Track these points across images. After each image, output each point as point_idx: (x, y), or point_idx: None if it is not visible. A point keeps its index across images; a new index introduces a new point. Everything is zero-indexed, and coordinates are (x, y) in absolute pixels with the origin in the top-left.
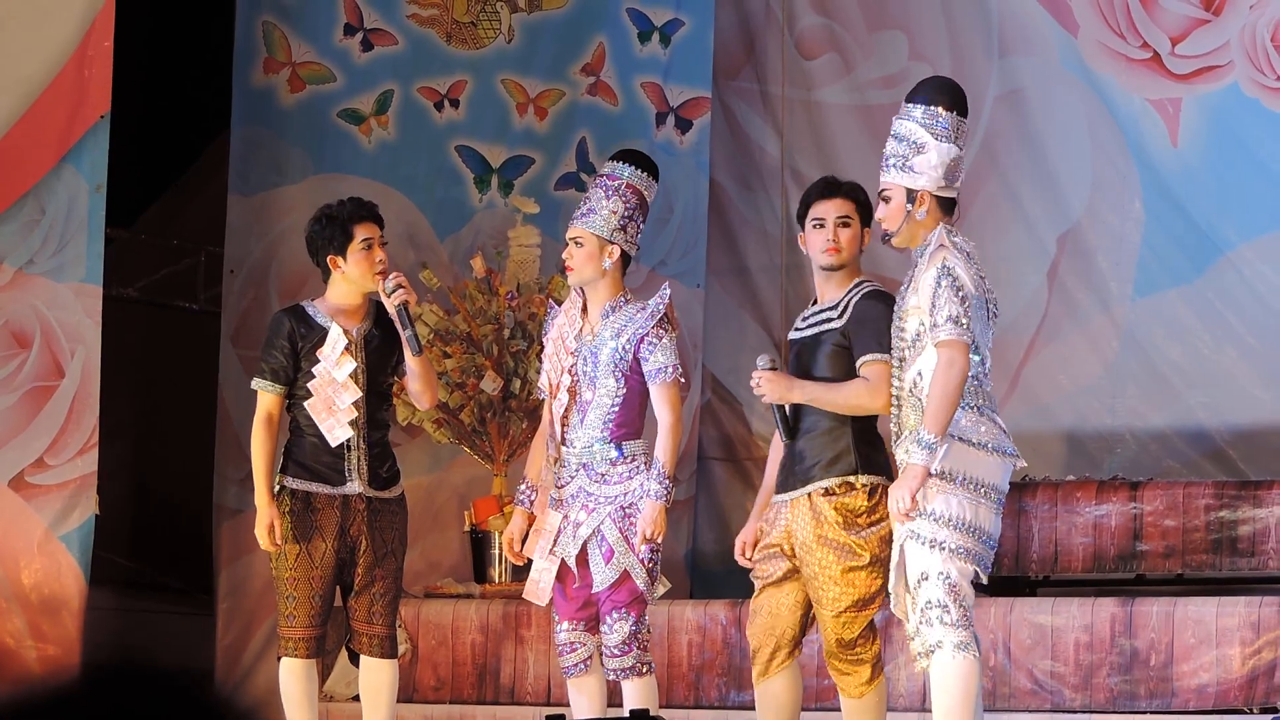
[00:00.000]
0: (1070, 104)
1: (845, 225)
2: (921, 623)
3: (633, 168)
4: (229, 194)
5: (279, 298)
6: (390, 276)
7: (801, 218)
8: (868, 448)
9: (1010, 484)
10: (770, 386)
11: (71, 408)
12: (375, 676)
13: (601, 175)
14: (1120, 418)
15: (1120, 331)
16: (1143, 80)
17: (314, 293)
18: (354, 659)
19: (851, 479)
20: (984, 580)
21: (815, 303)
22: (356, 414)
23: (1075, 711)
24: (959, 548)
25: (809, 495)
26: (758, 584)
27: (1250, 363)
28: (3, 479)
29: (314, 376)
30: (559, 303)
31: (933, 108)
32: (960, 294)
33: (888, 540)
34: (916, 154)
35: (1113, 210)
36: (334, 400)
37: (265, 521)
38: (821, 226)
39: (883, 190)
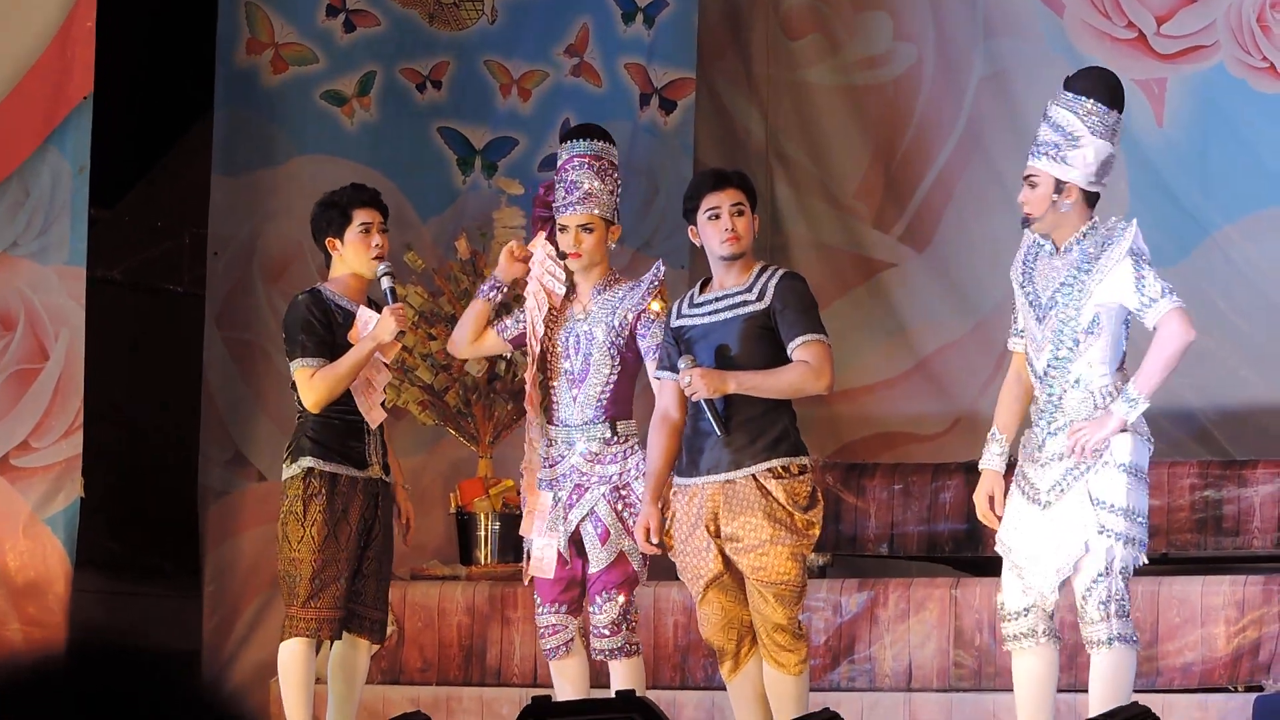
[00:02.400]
0: (1056, 85)
1: (740, 214)
2: (1096, 617)
3: (603, 142)
4: (213, 175)
5: (263, 280)
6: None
7: (692, 211)
8: (796, 430)
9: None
10: (704, 382)
11: (56, 390)
12: (362, 658)
13: (577, 155)
14: None
15: None
16: (1128, 60)
17: (297, 274)
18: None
19: (794, 461)
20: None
21: (704, 288)
22: (385, 396)
23: (1061, 690)
24: (1142, 543)
25: (752, 476)
26: (697, 584)
27: (1236, 343)
28: None
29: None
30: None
31: (1089, 101)
32: (1159, 275)
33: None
34: (1072, 147)
35: None
36: (372, 380)
37: (381, 319)
38: (717, 217)
39: (1030, 175)
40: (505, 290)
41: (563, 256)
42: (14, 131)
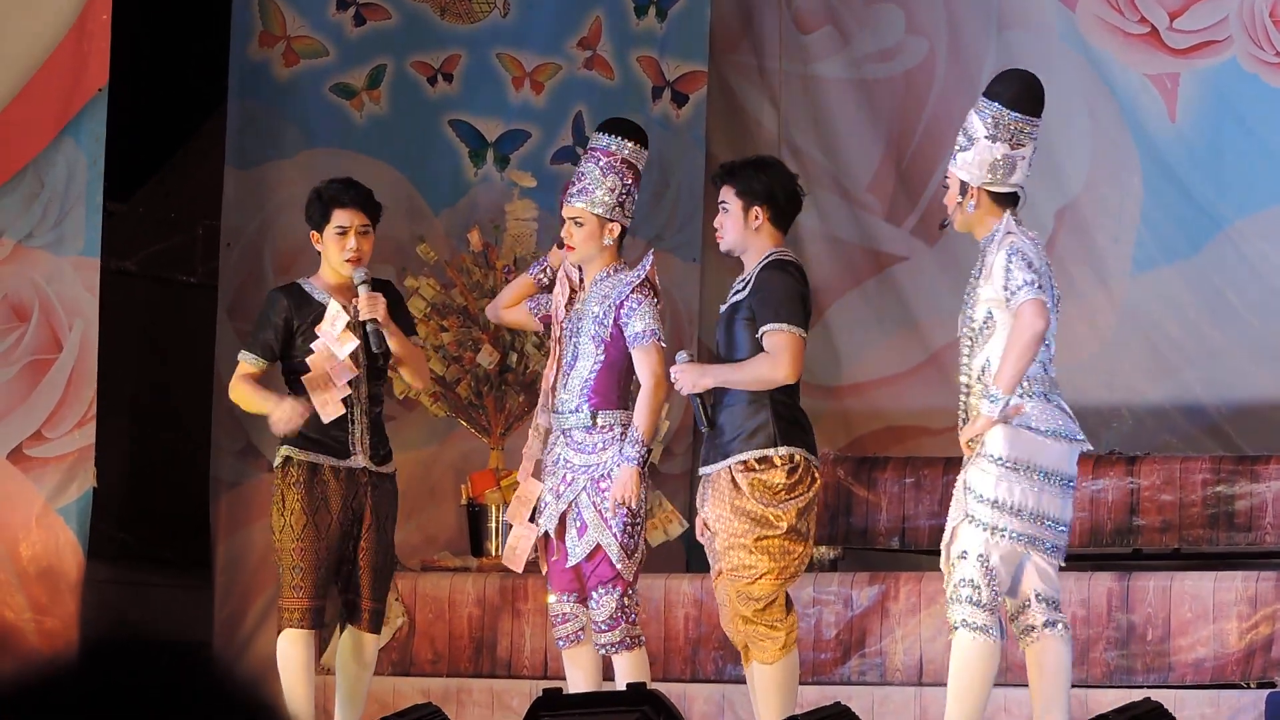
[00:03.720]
0: (1068, 79)
1: (724, 210)
2: (951, 598)
3: (625, 140)
4: (225, 167)
5: (274, 271)
6: (363, 296)
7: None
8: (786, 420)
9: None
10: (684, 378)
11: (69, 381)
12: (366, 650)
13: (594, 149)
14: (1118, 393)
15: (1118, 307)
16: (1141, 55)
17: (307, 266)
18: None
19: (770, 452)
20: (1061, 563)
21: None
22: (349, 392)
23: (1072, 686)
24: (1019, 535)
25: (729, 469)
26: (712, 574)
27: (1247, 339)
28: (1, 452)
29: (312, 353)
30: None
31: (991, 102)
32: (1031, 268)
33: (804, 511)
34: (965, 147)
35: (1111, 186)
36: (331, 377)
37: (285, 404)
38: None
39: (946, 177)
40: (552, 274)
41: (560, 246)
42: (30, 124)
